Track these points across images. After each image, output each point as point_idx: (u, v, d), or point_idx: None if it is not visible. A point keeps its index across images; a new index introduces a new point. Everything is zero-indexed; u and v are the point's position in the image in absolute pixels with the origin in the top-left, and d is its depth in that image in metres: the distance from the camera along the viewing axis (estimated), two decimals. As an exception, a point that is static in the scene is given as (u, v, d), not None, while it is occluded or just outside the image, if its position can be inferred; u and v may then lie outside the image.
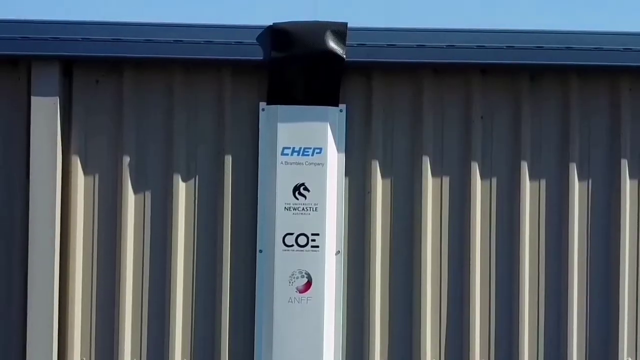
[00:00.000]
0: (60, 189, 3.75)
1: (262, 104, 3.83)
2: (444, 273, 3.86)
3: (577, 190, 3.87)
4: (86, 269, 3.80)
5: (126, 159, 3.80)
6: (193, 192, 3.83)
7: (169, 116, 3.82)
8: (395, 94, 3.87)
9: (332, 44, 3.73)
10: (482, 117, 3.88)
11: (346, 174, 3.86)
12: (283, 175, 3.79)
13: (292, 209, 3.79)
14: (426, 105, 3.86)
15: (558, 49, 3.77)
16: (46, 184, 3.72)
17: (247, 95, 3.83)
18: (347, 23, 3.82)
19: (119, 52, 3.71)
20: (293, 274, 3.79)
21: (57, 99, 3.72)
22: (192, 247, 3.83)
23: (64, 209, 3.77)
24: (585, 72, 3.85)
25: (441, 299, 3.85)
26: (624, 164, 3.88)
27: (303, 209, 3.79)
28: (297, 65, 3.74)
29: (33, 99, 3.72)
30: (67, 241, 3.77)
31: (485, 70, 3.85)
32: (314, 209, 3.80)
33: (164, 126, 3.83)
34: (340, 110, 3.85)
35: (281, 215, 3.79)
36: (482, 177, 3.88)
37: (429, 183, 3.86)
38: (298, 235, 3.79)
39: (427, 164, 3.86)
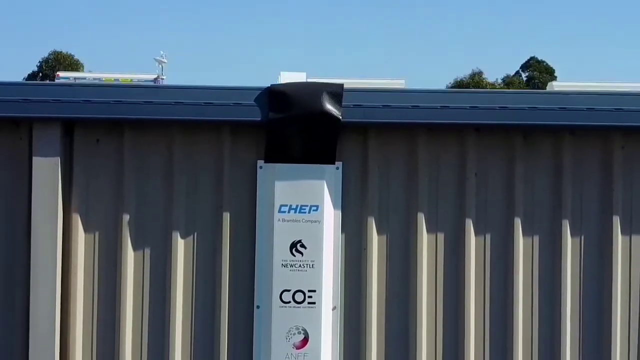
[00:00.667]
0: (61, 247, 3.81)
1: (260, 162, 3.89)
2: (439, 329, 3.92)
3: (569, 246, 3.94)
4: (86, 325, 3.86)
5: (126, 217, 3.87)
6: (192, 249, 3.90)
7: (168, 174, 3.89)
8: (390, 152, 3.94)
9: (329, 106, 3.80)
10: (476, 175, 3.94)
11: (342, 231, 3.92)
12: (280, 233, 3.86)
13: (289, 265, 3.85)
14: (421, 163, 3.93)
15: (551, 109, 3.83)
16: (47, 242, 3.78)
17: (245, 153, 3.90)
18: (343, 84, 3.89)
19: (119, 114, 3.77)
20: (290, 330, 3.85)
21: (58, 160, 3.78)
22: (191, 303, 3.90)
23: (65, 266, 3.83)
24: (578, 131, 3.92)
25: (436, 355, 3.92)
26: (616, 221, 3.95)
27: (300, 265, 3.86)
28: (295, 126, 3.81)
29: (34, 159, 3.78)
30: (67, 298, 3.84)
31: (479, 129, 3.91)
32: (311, 266, 3.86)
33: (163, 184, 3.89)
34: (337, 168, 3.91)
35: (278, 272, 3.85)
36: (476, 234, 3.94)
37: (424, 239, 3.93)
38: (295, 292, 3.85)
39: (422, 220, 3.93)
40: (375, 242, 3.93)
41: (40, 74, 65.09)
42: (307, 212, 3.87)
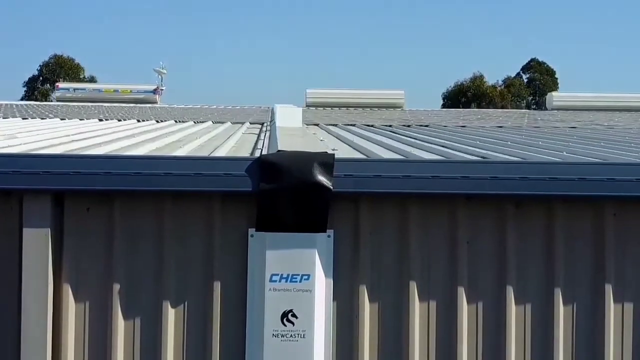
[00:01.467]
0: (52, 317, 3.80)
1: (251, 231, 3.88)
2: (431, 398, 3.92)
3: (562, 314, 3.93)
4: (78, 395, 3.86)
5: (116, 286, 3.86)
6: (182, 318, 3.89)
7: (159, 243, 3.88)
8: (382, 220, 3.93)
9: (320, 176, 3.78)
10: (467, 242, 3.93)
11: (334, 298, 3.91)
12: (271, 302, 3.84)
13: (280, 335, 3.84)
14: (413, 231, 3.92)
15: (542, 179, 3.82)
16: (37, 312, 3.77)
17: (236, 222, 3.89)
18: (334, 154, 3.87)
19: (109, 185, 3.76)
20: (282, 400, 3.84)
21: (48, 230, 3.77)
22: (182, 372, 3.89)
23: (56, 336, 3.82)
24: (570, 200, 3.91)
25: None
26: (609, 289, 3.94)
27: (291, 335, 3.84)
28: (286, 196, 3.79)
29: (25, 230, 3.77)
30: (58, 368, 3.83)
31: (471, 197, 3.90)
32: (302, 336, 3.84)
33: (154, 253, 3.88)
34: (328, 236, 3.90)
35: (269, 343, 3.83)
36: (468, 301, 3.93)
37: (417, 307, 3.92)
38: (286, 362, 3.84)
39: (414, 288, 3.92)
40: (367, 310, 3.91)
41: (41, 78, 65.05)
42: (299, 281, 3.85)
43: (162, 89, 24.21)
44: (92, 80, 67.62)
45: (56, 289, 3.84)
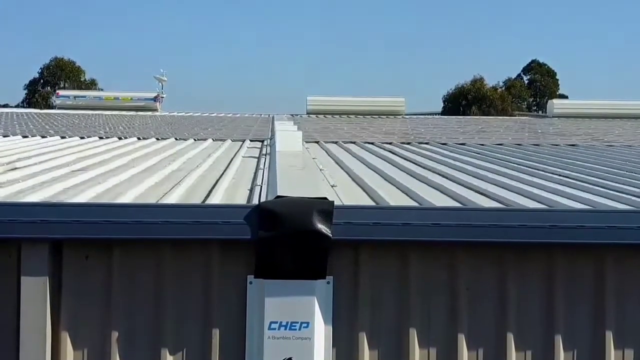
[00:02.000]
0: (50, 365, 3.79)
1: (250, 277, 3.86)
2: None
3: (562, 360, 3.92)
4: None
5: (115, 334, 3.84)
6: (181, 365, 3.87)
7: (157, 290, 3.86)
8: (382, 266, 3.91)
9: (319, 224, 3.76)
10: (467, 289, 3.92)
11: (333, 345, 3.89)
12: (270, 350, 3.82)
13: (279, 384, 3.82)
14: (413, 278, 3.90)
15: (542, 227, 3.80)
16: (36, 360, 3.76)
17: (235, 268, 3.87)
18: (333, 201, 3.85)
19: (108, 234, 3.75)
20: None
21: (46, 279, 3.76)
22: (181, 420, 3.87)
23: (54, 384, 3.81)
24: (571, 247, 3.89)
25: None
26: (609, 336, 3.92)
27: (290, 384, 3.82)
28: (285, 244, 3.78)
29: (23, 278, 3.76)
30: (56, 417, 3.81)
31: (470, 244, 3.88)
32: (302, 384, 3.83)
33: (152, 300, 3.87)
34: (328, 282, 3.88)
35: (269, 391, 3.82)
36: (468, 348, 3.91)
37: (417, 355, 3.90)
38: (285, 411, 3.82)
39: (414, 335, 3.90)
40: (366, 357, 3.89)
41: (42, 81, 65.03)
42: (298, 329, 3.84)
43: (163, 97, 24.17)
44: (92, 83, 67.60)
45: (54, 337, 3.83)
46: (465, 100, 59.08)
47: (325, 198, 3.89)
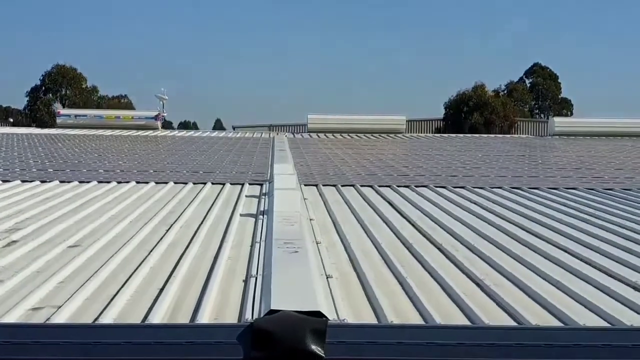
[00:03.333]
0: None
1: (244, 393, 3.83)
2: None
3: None
4: None
5: None
6: None
7: (150, 408, 3.83)
8: (376, 382, 3.87)
9: (312, 345, 3.73)
10: (464, 406, 3.87)
11: None
12: None
13: None
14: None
15: (537, 345, 3.76)
16: None
17: (228, 386, 3.84)
18: (327, 320, 3.82)
19: (99, 355, 3.71)
20: None
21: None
22: None
23: None
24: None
25: None
26: None
27: None
28: (277, 364, 3.75)
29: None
30: None
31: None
32: None
33: (145, 417, 3.84)
34: (321, 400, 3.85)
35: None
36: None
37: None
38: None
39: None
40: None
41: (43, 88, 65.10)
42: None
43: (164, 115, 24.20)
44: (94, 89, 67.64)
45: None
46: (466, 107, 59.06)
47: (320, 312, 3.86)
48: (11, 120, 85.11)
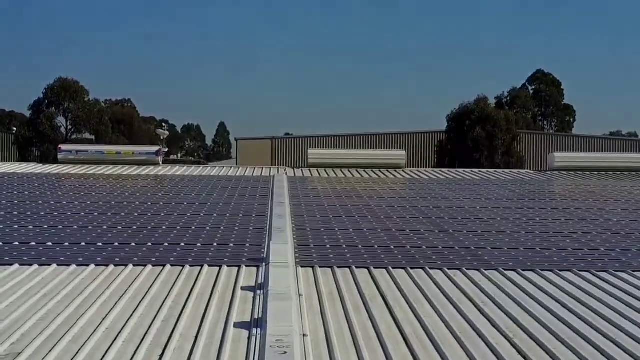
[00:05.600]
0: None
1: None
2: None
3: None
4: None
5: None
6: None
7: None
8: None
9: None
10: None
11: None
12: None
13: None
14: None
15: None
16: None
17: None
18: None
19: None
20: None
21: None
22: None
23: None
24: None
25: None
26: None
27: None
28: None
29: None
30: None
31: None
32: None
33: None
34: None
35: None
36: None
37: None
38: None
39: None
40: None
41: (46, 101, 65.27)
42: None
43: (165, 151, 24.34)
44: (97, 103, 67.81)
45: None
46: (469, 121, 59.20)
47: None
48: (14, 129, 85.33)
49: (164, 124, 22.93)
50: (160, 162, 23.81)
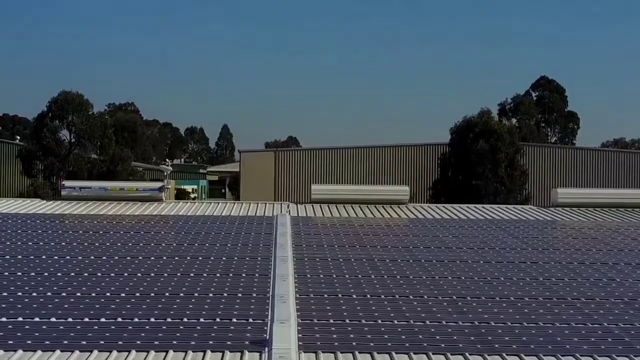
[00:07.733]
0: None
1: None
2: None
3: None
4: None
5: None
6: None
7: None
8: None
9: None
10: None
11: None
12: None
13: None
14: None
15: None
16: None
17: None
18: None
19: None
20: None
21: None
22: None
23: None
24: None
25: None
26: None
27: None
28: None
29: None
30: None
31: None
32: None
33: None
34: None
35: None
36: None
37: None
38: None
39: None
40: None
41: (50, 114, 65.42)
42: None
43: (168, 188, 24.41)
44: (101, 117, 67.97)
45: None
46: (472, 134, 59.32)
47: None
48: (18, 138, 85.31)
49: (167, 160, 23.13)
50: (164, 198, 23.88)
